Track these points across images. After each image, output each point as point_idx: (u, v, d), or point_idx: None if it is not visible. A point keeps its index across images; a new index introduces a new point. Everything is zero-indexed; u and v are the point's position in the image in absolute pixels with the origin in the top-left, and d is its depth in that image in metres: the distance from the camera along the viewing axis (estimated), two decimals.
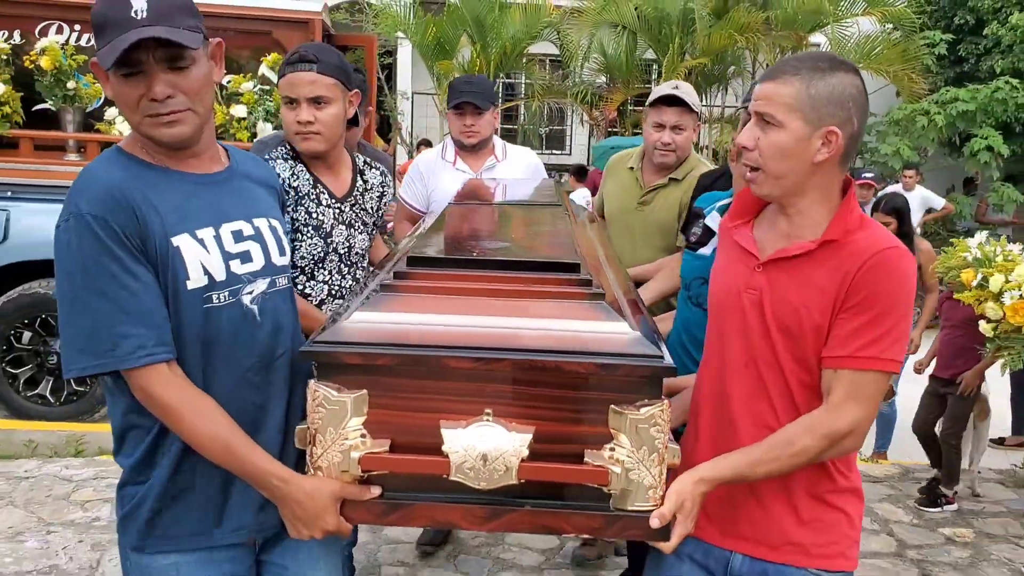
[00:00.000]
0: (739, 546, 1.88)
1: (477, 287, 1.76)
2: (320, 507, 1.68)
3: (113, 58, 1.62)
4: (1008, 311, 3.66)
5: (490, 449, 1.63)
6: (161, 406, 1.69)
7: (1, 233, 5.20)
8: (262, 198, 1.95)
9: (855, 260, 1.72)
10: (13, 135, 5.32)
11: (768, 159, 1.76)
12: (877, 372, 1.72)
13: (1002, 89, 11.03)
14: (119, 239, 1.64)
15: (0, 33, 5.44)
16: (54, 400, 5.36)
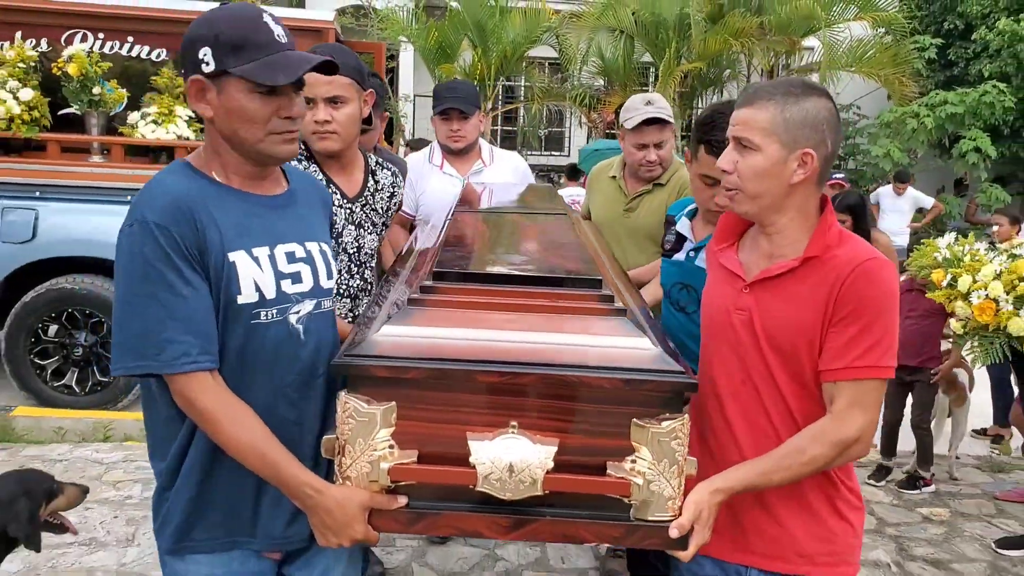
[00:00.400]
0: (753, 560, 1.92)
1: (502, 302, 1.79)
2: (350, 516, 1.70)
3: (291, 76, 1.73)
4: (975, 310, 3.79)
5: (516, 461, 1.65)
6: (200, 412, 1.72)
7: (30, 231, 5.43)
8: (316, 222, 2.00)
9: (838, 274, 1.77)
10: (41, 138, 5.54)
11: (747, 181, 1.82)
12: (875, 379, 1.78)
13: (989, 93, 11.31)
14: (179, 249, 1.69)
15: (28, 41, 5.67)
16: (79, 390, 5.59)
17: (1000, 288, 3.73)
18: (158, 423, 1.83)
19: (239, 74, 1.71)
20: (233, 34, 1.72)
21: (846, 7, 12.27)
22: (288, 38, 1.76)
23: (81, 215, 5.51)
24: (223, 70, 1.72)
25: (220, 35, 1.72)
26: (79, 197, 5.51)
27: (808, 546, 1.86)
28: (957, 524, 4.49)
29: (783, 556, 1.88)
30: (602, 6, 12.71)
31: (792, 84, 1.84)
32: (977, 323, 3.86)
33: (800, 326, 1.80)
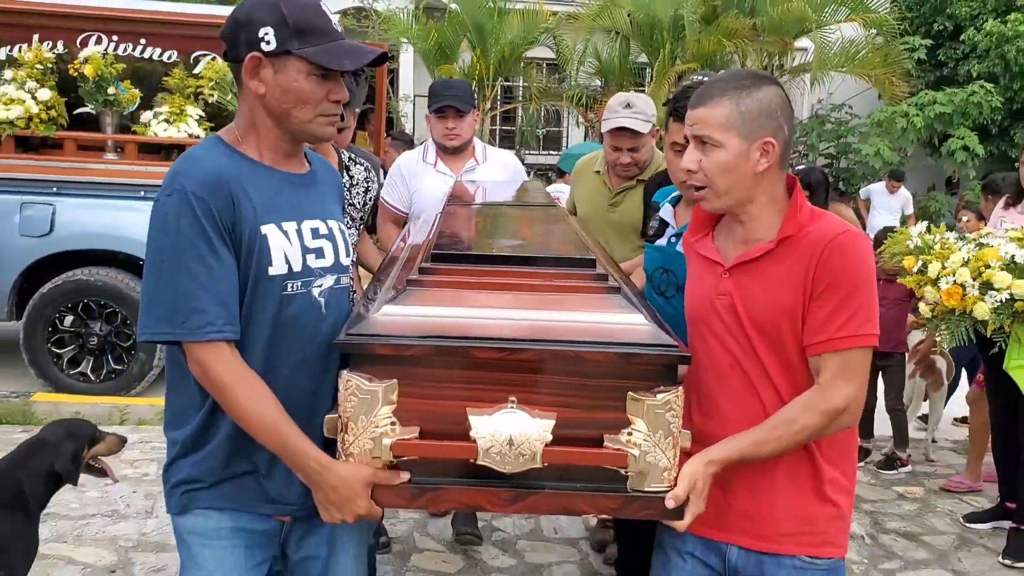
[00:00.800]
0: (735, 539, 1.93)
1: (499, 282, 1.82)
2: (353, 492, 1.72)
3: (357, 63, 1.83)
4: (944, 295, 3.94)
5: (515, 434, 1.67)
6: (216, 382, 1.74)
7: (48, 226, 5.69)
8: (334, 201, 2.07)
9: (814, 251, 1.80)
10: (58, 136, 5.79)
11: (713, 177, 1.85)
12: (859, 348, 1.80)
13: (977, 93, 11.57)
14: (213, 220, 1.73)
15: (46, 44, 5.92)
16: (95, 378, 5.84)
17: (967, 274, 3.88)
18: (179, 391, 1.87)
19: (305, 56, 1.78)
20: (299, 18, 1.78)
21: (837, 9, 12.53)
22: (342, 28, 1.86)
23: (96, 210, 5.77)
24: (285, 50, 1.77)
25: (285, 17, 1.78)
26: (94, 193, 5.76)
27: (788, 525, 1.88)
28: (930, 501, 4.73)
29: (763, 535, 1.90)
30: (598, 8, 13.01)
31: (741, 76, 1.89)
32: (945, 307, 4.00)
33: (781, 305, 1.83)
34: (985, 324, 3.82)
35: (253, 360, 1.79)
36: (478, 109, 3.90)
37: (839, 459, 1.90)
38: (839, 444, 1.90)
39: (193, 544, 1.89)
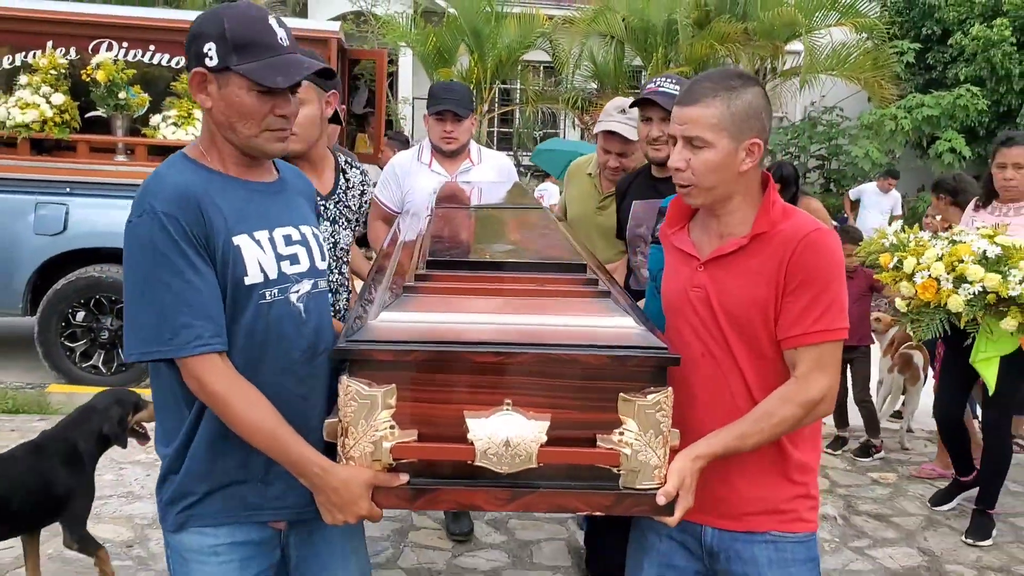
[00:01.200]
0: (709, 521, 1.99)
1: (493, 287, 1.86)
2: (354, 494, 1.74)
3: (290, 79, 1.79)
4: (919, 289, 4.06)
5: (511, 436, 1.71)
6: (211, 394, 1.75)
7: (61, 224, 5.93)
8: (305, 208, 2.06)
9: (786, 247, 1.86)
10: (71, 139, 6.02)
11: (700, 176, 1.88)
12: (832, 342, 1.87)
13: (964, 96, 11.83)
14: (186, 236, 1.73)
15: (59, 50, 6.14)
16: (106, 370, 6.08)
17: (942, 268, 4.00)
18: (167, 409, 1.88)
19: (241, 72, 1.76)
20: (238, 33, 1.76)
21: (828, 13, 12.78)
22: (291, 41, 1.82)
23: (107, 210, 5.97)
24: (225, 66, 1.76)
25: (225, 33, 1.76)
26: (106, 193, 5.99)
27: (757, 505, 1.95)
28: (902, 486, 4.98)
29: (735, 515, 1.97)
30: (593, 12, 13.26)
31: (729, 77, 1.91)
32: (920, 301, 4.13)
33: (754, 299, 1.89)
34: (959, 316, 3.95)
35: (241, 370, 1.80)
36: (476, 113, 3.99)
37: (803, 442, 1.97)
38: (803, 428, 1.95)
39: (191, 561, 1.89)
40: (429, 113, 3.73)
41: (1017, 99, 12.23)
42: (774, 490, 1.96)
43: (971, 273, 3.88)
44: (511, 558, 3.86)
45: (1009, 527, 4.52)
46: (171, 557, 1.93)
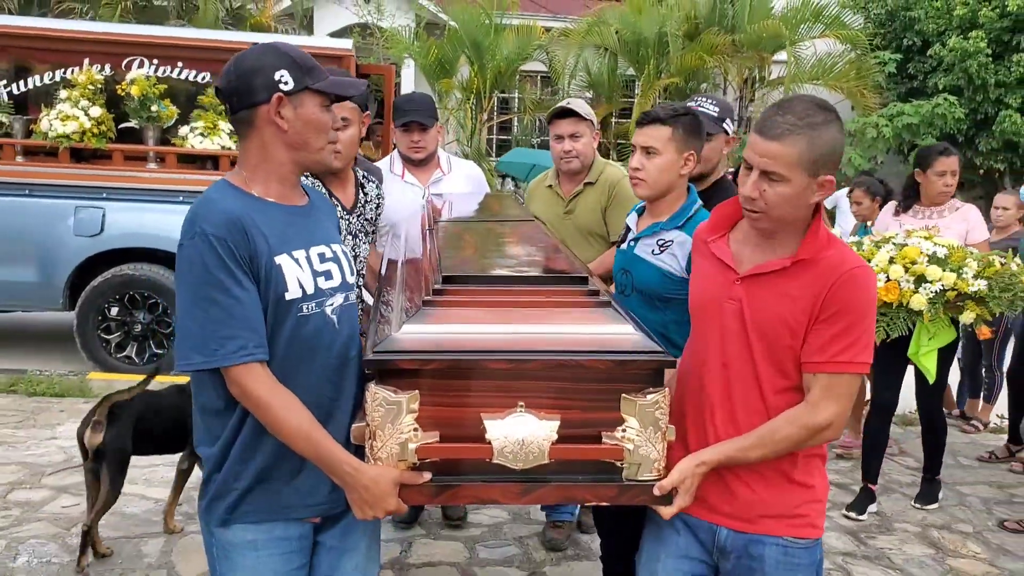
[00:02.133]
0: (723, 521, 2.07)
1: (505, 300, 1.99)
2: (383, 491, 1.88)
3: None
4: (881, 291, 4.24)
5: (525, 435, 1.84)
6: (255, 400, 1.87)
7: (98, 227, 6.46)
8: (333, 227, 2.21)
9: (828, 277, 1.91)
10: (108, 148, 6.51)
11: (773, 207, 1.92)
12: (851, 374, 1.93)
13: (941, 104, 12.34)
14: (233, 256, 1.86)
15: (95, 66, 6.64)
16: (138, 360, 6.60)
17: (901, 271, 4.23)
18: (210, 414, 1.99)
19: (321, 88, 1.95)
20: (304, 59, 1.96)
21: (813, 25, 13.32)
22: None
23: (141, 213, 6.53)
24: (304, 87, 1.94)
25: (294, 60, 1.94)
26: (139, 198, 6.52)
27: (771, 509, 2.02)
28: None
29: (748, 518, 2.05)
30: (588, 25, 13.70)
31: (812, 113, 1.90)
32: (881, 302, 4.29)
33: (787, 319, 1.94)
34: (920, 314, 4.17)
35: (280, 376, 1.91)
36: (439, 122, 4.01)
37: (815, 448, 2.03)
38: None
39: (233, 555, 2.02)
40: (396, 126, 3.81)
41: (993, 107, 12.74)
42: (785, 493, 2.03)
43: (930, 273, 4.12)
44: (511, 516, 4.38)
45: (955, 493, 5.07)
46: (214, 551, 2.05)
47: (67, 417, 5.44)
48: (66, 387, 5.99)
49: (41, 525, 3.96)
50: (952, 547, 4.32)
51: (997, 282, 4.03)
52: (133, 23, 11.45)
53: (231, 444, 1.97)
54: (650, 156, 2.50)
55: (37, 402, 5.71)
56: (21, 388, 5.92)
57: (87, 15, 11.74)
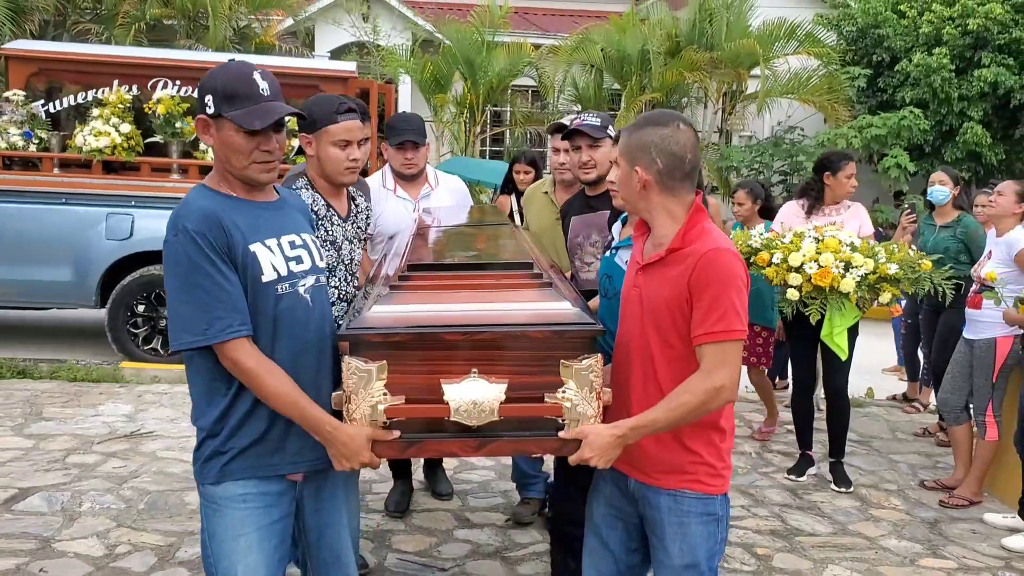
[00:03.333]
0: (633, 474, 2.35)
1: (461, 283, 2.21)
2: (358, 446, 2.12)
3: (267, 122, 2.11)
4: (815, 277, 4.69)
5: (478, 397, 2.06)
6: (244, 370, 2.09)
7: (128, 231, 7.15)
8: (303, 220, 2.42)
9: (691, 262, 2.17)
10: (136, 161, 7.21)
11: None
12: (729, 342, 2.15)
13: (907, 117, 13.04)
14: (213, 247, 2.07)
15: (124, 87, 7.34)
16: (163, 352, 7.27)
17: (832, 258, 4.70)
18: (203, 389, 2.19)
19: (229, 118, 2.11)
20: (227, 87, 2.11)
21: (787, 43, 14.03)
22: (272, 91, 2.16)
23: (166, 219, 7.06)
24: (219, 114, 2.12)
25: (218, 87, 2.12)
26: (165, 205, 7.10)
27: (663, 467, 2.29)
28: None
29: (647, 472, 2.31)
30: (575, 43, 14.29)
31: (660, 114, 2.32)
32: (810, 287, 4.78)
33: (667, 301, 2.21)
34: (847, 296, 4.66)
35: (264, 350, 2.14)
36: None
37: (708, 420, 2.27)
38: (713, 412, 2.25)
39: (223, 508, 2.21)
40: (390, 144, 4.01)
41: (957, 120, 13.42)
42: (672, 454, 2.29)
43: (856, 260, 4.67)
44: (497, 475, 5.09)
45: (887, 460, 5.80)
46: (206, 507, 2.26)
47: (106, 398, 6.15)
48: (102, 374, 6.70)
49: (97, 481, 4.65)
50: (876, 501, 5.04)
51: (905, 267, 4.71)
52: (146, 42, 12.21)
53: (224, 415, 2.17)
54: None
55: (78, 387, 6.42)
56: (63, 375, 6.62)
57: (102, 35, 12.41)
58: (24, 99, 7.20)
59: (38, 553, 3.81)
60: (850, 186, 5.30)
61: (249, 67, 2.19)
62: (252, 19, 13.99)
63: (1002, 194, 4.97)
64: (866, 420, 6.73)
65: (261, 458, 2.21)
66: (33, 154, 7.20)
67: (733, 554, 4.17)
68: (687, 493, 2.28)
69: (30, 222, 7.11)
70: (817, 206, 5.31)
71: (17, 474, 4.69)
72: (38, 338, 8.17)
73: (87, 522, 4.15)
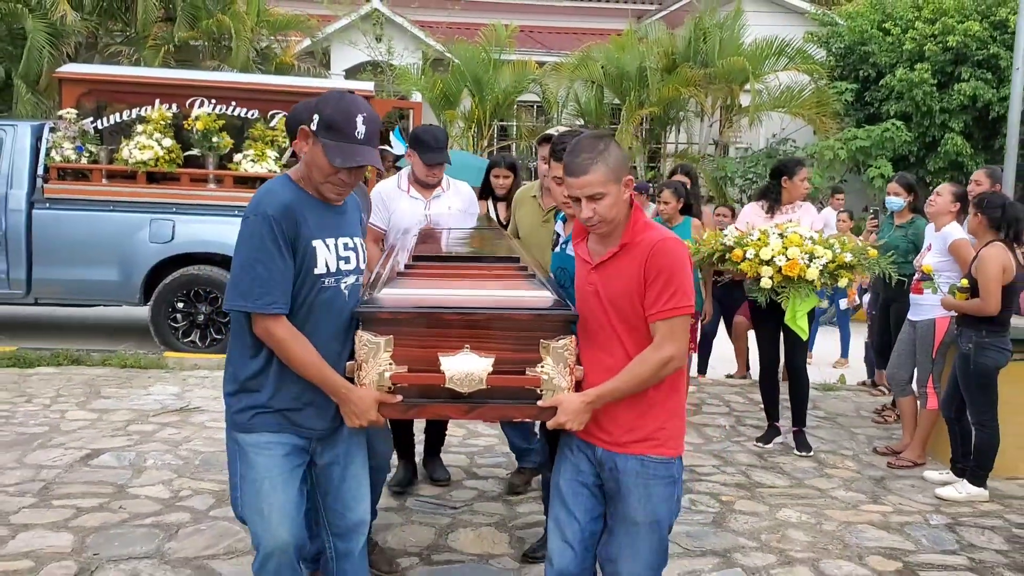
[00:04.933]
0: (599, 443, 2.57)
1: (458, 272, 2.49)
2: (367, 406, 2.43)
3: (347, 164, 2.39)
4: (785, 268, 5.30)
5: (470, 368, 2.32)
6: (277, 339, 2.41)
7: (170, 235, 7.91)
8: (357, 223, 2.69)
9: (644, 251, 2.43)
10: (176, 172, 7.96)
11: (606, 216, 2.45)
12: (677, 317, 2.42)
13: (890, 129, 13.79)
14: (283, 234, 2.37)
15: (164, 105, 8.11)
16: (201, 345, 8.04)
17: (798, 251, 5.34)
18: (244, 349, 2.52)
19: (322, 144, 2.40)
20: (332, 117, 2.39)
21: (777, 60, 14.78)
22: (367, 135, 2.41)
23: (203, 224, 7.96)
24: (316, 134, 2.41)
25: (324, 113, 2.40)
26: (202, 212, 7.96)
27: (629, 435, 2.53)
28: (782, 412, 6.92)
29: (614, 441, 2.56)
30: (577, 60, 15.05)
31: (596, 145, 2.46)
32: (780, 277, 5.30)
33: (626, 290, 2.46)
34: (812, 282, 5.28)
35: (304, 329, 2.46)
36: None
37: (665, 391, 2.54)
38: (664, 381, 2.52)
39: (250, 452, 2.54)
40: (424, 161, 4.23)
41: (939, 131, 14.14)
42: (635, 422, 2.53)
43: (818, 252, 5.32)
44: (500, 440, 5.77)
45: (848, 433, 6.49)
46: (237, 452, 2.60)
47: (154, 381, 6.93)
48: (148, 362, 7.48)
49: (156, 444, 5.42)
50: (832, 463, 5.75)
51: (857, 255, 5.44)
52: (173, 63, 13.06)
53: (259, 373, 2.50)
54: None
55: (128, 372, 7.20)
56: (114, 363, 7.40)
57: (132, 57, 13.22)
58: (76, 117, 7.98)
59: (115, 495, 4.57)
60: (804, 188, 6.04)
61: (357, 108, 2.45)
62: (273, 40, 14.83)
63: (940, 195, 5.70)
64: (835, 401, 7.45)
65: (285, 418, 2.54)
66: (84, 166, 7.97)
67: (700, 500, 4.90)
68: (652, 458, 2.54)
69: (81, 227, 7.89)
70: (776, 207, 6.01)
71: (88, 438, 5.46)
72: (82, 333, 8.97)
73: (152, 474, 4.92)
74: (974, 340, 4.93)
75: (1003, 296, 4.81)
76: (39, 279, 7.92)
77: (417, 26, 16.57)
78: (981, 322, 4.91)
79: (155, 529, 4.17)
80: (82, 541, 3.99)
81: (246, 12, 13.63)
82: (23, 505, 4.36)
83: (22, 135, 7.95)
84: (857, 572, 4.08)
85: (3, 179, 7.86)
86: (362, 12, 15.70)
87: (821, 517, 4.74)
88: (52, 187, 7.87)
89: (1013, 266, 4.85)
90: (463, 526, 4.39)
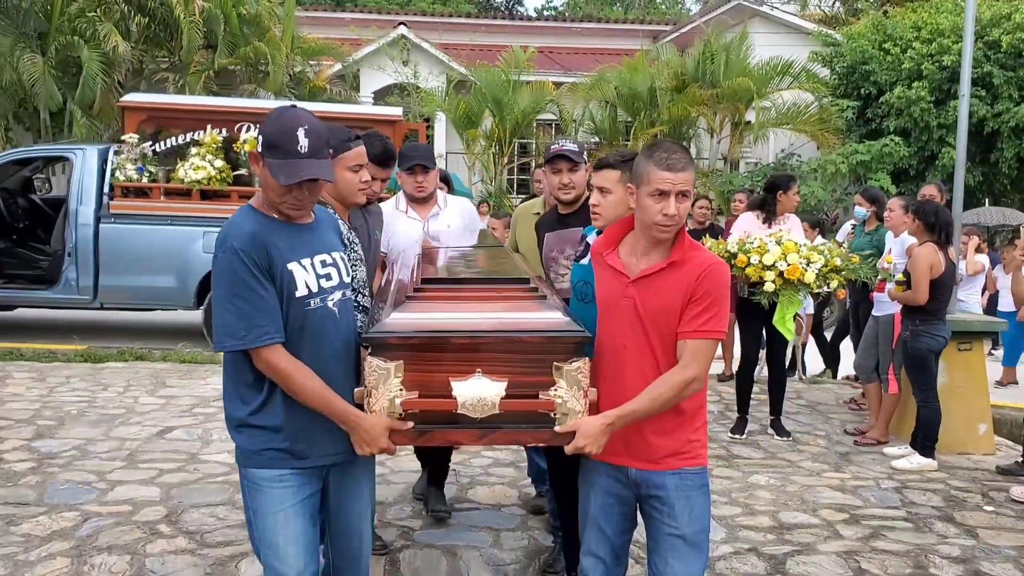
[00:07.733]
0: (635, 464, 2.52)
1: (468, 295, 2.39)
2: (377, 434, 2.33)
3: (290, 181, 2.29)
4: (787, 272, 5.60)
5: (482, 393, 2.23)
6: (278, 371, 2.31)
7: None
8: (335, 239, 2.62)
9: (696, 271, 2.40)
10: (227, 190, 8.85)
11: (682, 218, 2.41)
12: (709, 340, 2.40)
13: (888, 144, 14.54)
14: (255, 264, 2.29)
15: (215, 130, 9.02)
16: None
17: (797, 257, 5.73)
18: (242, 386, 2.42)
19: (267, 165, 2.34)
20: (271, 136, 2.34)
21: (782, 79, 15.57)
22: (311, 148, 2.31)
23: None
24: (262, 155, 2.36)
25: (265, 133, 2.35)
26: None
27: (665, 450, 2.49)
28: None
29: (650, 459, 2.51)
30: (591, 82, 15.89)
31: (686, 149, 2.46)
32: (781, 281, 5.74)
33: (669, 307, 2.40)
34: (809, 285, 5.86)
35: (300, 356, 2.36)
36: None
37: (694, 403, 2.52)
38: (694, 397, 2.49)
39: (263, 488, 2.46)
40: (402, 170, 4.18)
41: (937, 146, 14.87)
42: (676, 439, 2.50)
43: (815, 257, 5.91)
44: None
45: (824, 418, 7.26)
46: (248, 487, 2.49)
47: (211, 374, 7.82)
48: (204, 358, 8.40)
49: (219, 423, 6.24)
50: (805, 441, 6.53)
51: (844, 261, 6.16)
52: (215, 87, 14.06)
53: (263, 406, 2.42)
54: (605, 195, 2.80)
55: (187, 366, 8.12)
56: (174, 358, 8.33)
57: (177, 83, 14.24)
58: (137, 141, 8.91)
59: (190, 461, 5.46)
60: (796, 201, 6.82)
61: (296, 122, 2.34)
62: (306, 65, 15.81)
63: (892, 210, 6.54)
64: (819, 392, 8.22)
65: (297, 446, 2.47)
66: (144, 184, 8.88)
67: None
68: (688, 470, 2.53)
69: (142, 239, 8.79)
70: (772, 218, 6.66)
71: (160, 418, 6.37)
72: (142, 334, 9.90)
73: (219, 445, 5.78)
74: (910, 328, 5.74)
75: (933, 289, 5.62)
76: (105, 286, 8.82)
77: (441, 49, 17.41)
78: (915, 311, 5.72)
79: (225, 485, 5.03)
80: (167, 492, 4.86)
81: (281, 39, 14.61)
82: (116, 467, 5.26)
83: (90, 157, 8.91)
84: (809, 520, 4.87)
85: (73, 197, 8.83)
86: (390, 38, 16.62)
87: (786, 481, 5.52)
88: (117, 204, 8.80)
89: (942, 264, 5.66)
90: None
